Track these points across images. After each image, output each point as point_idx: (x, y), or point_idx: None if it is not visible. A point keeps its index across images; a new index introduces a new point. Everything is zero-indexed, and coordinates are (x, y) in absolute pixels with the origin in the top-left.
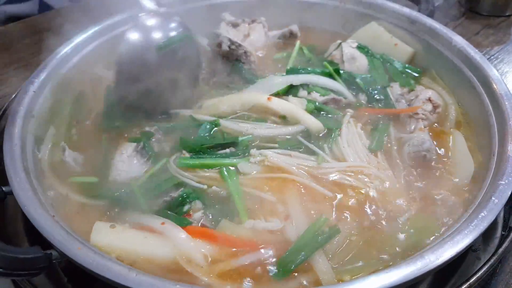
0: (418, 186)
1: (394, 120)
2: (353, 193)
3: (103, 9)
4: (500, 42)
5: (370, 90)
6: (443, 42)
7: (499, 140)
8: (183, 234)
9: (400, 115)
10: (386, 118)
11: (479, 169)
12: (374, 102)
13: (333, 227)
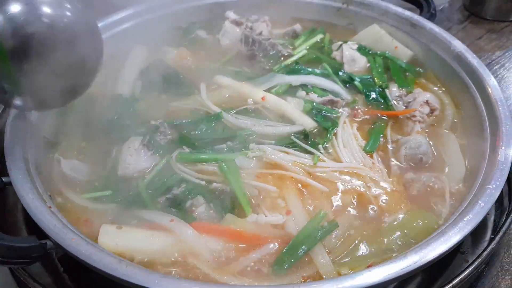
0: (412, 187)
1: (392, 122)
2: (349, 192)
3: (106, 6)
4: (503, 47)
5: (369, 92)
6: (442, 46)
7: (491, 145)
8: (190, 230)
9: (398, 117)
10: (383, 120)
11: (471, 173)
12: (372, 104)
13: (332, 222)
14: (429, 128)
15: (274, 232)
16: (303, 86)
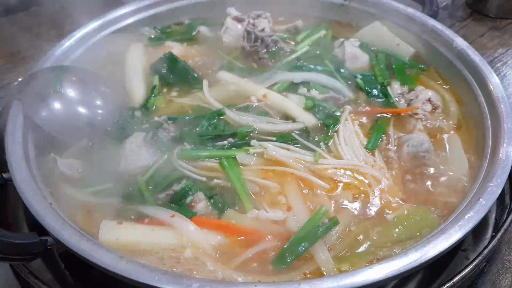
0: (414, 184)
1: (394, 119)
2: (350, 189)
3: (109, 1)
4: (505, 45)
5: (370, 89)
6: (444, 43)
7: (492, 143)
8: (191, 226)
9: (400, 115)
10: (385, 117)
11: (473, 170)
12: (374, 101)
13: (333, 219)
14: (431, 126)
15: (275, 228)
16: (305, 83)
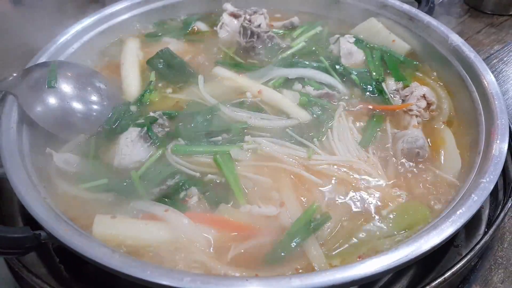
0: (407, 180)
1: (388, 116)
2: (342, 185)
3: None
4: (501, 41)
5: (365, 85)
6: (440, 40)
7: (486, 139)
8: (185, 220)
9: (395, 111)
10: (380, 114)
11: (466, 166)
12: (369, 97)
13: (325, 214)
14: (426, 122)
15: (268, 223)
16: (300, 79)
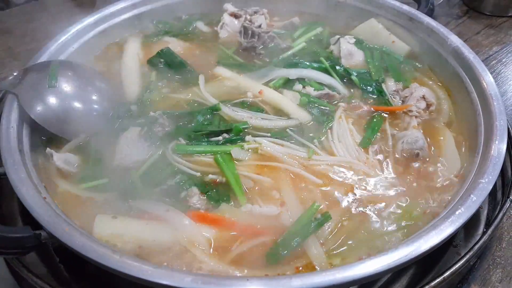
0: (407, 181)
1: (388, 117)
2: (342, 185)
3: None
4: (500, 43)
5: (365, 86)
6: (439, 41)
7: (485, 140)
8: (186, 220)
9: (394, 112)
10: (380, 115)
11: (465, 167)
12: (369, 98)
13: (325, 214)
14: (425, 123)
15: (268, 223)
16: (300, 80)
